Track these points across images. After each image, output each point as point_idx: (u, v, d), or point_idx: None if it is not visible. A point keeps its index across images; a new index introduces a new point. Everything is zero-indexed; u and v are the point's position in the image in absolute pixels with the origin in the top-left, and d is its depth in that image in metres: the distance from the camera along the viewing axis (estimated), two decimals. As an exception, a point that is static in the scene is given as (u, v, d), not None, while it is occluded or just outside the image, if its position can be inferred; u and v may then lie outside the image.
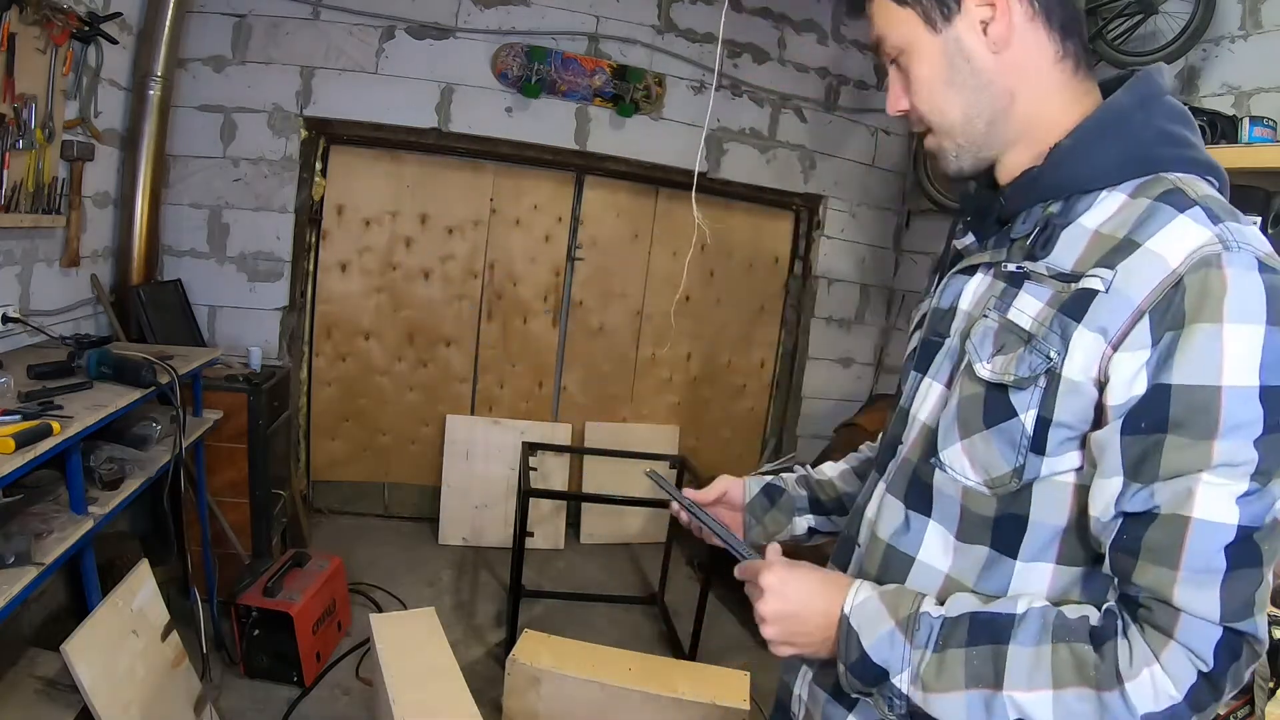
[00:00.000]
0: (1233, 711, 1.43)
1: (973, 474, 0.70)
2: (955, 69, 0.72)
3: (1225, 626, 0.59)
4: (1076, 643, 0.63)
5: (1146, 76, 0.71)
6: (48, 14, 2.05)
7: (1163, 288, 0.60)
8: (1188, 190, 0.64)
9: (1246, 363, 0.58)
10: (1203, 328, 0.59)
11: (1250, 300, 0.58)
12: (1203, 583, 0.59)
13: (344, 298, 3.56)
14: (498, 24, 3.25)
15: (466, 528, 3.63)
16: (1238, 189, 2.00)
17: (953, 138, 0.75)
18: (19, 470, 1.36)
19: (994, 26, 0.70)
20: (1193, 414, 0.59)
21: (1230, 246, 0.60)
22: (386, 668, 1.85)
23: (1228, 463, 0.59)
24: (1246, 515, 0.59)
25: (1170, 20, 2.44)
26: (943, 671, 0.65)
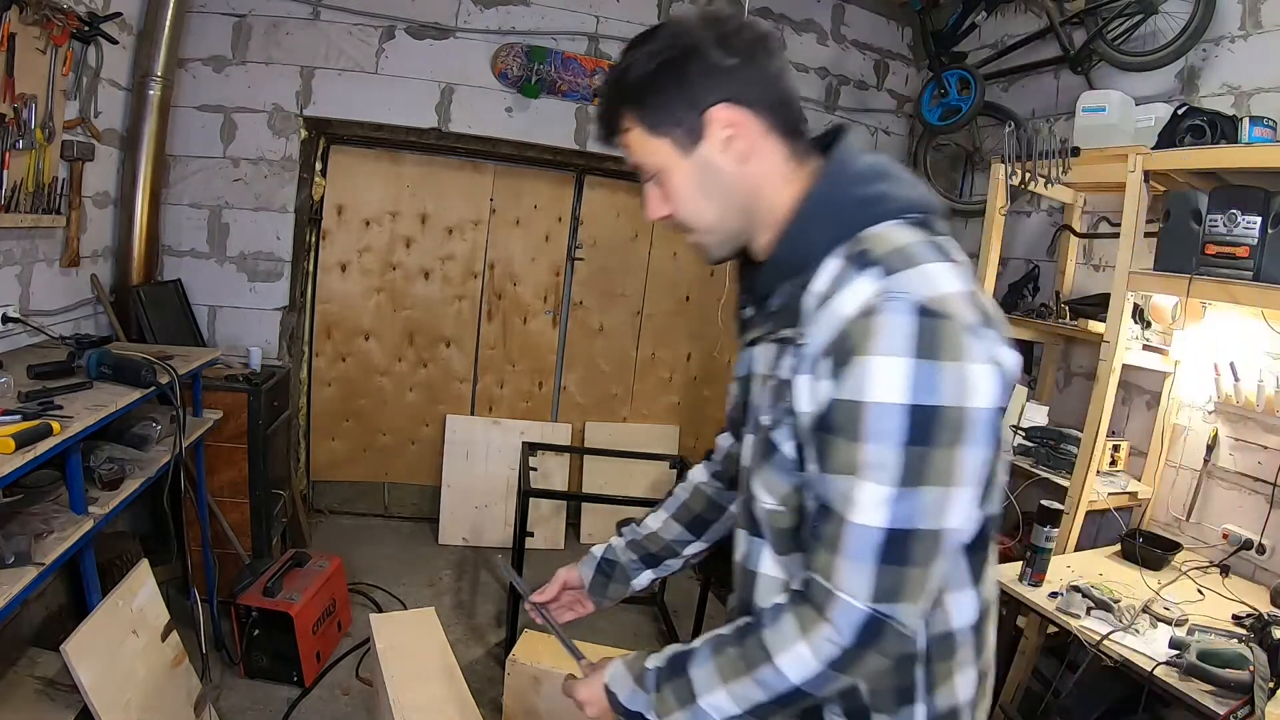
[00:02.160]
0: (1232, 711, 1.43)
1: (769, 499, 0.86)
2: (707, 182, 0.86)
3: (871, 608, 0.74)
4: (729, 647, 0.82)
5: (837, 158, 0.85)
6: (48, 14, 2.05)
7: (835, 334, 0.76)
8: (875, 248, 0.78)
9: (889, 385, 0.72)
10: (857, 359, 0.74)
11: (896, 338, 0.72)
12: (855, 569, 0.74)
13: (344, 298, 3.56)
14: (498, 24, 3.25)
15: (466, 528, 3.63)
16: (1238, 189, 2.00)
17: (712, 235, 0.90)
18: (19, 470, 1.36)
19: (736, 144, 0.84)
20: (847, 422, 0.74)
21: (890, 297, 0.74)
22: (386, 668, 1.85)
23: (875, 464, 0.73)
24: (895, 517, 0.73)
25: (1170, 20, 2.45)
26: (664, 703, 0.85)
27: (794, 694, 0.79)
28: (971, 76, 3.12)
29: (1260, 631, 1.68)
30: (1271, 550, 2.09)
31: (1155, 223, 2.18)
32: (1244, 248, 1.88)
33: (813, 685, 0.78)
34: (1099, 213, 2.79)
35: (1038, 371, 3.01)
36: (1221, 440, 2.26)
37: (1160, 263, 2.09)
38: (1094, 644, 1.72)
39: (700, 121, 0.83)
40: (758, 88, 0.84)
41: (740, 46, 0.83)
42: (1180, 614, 1.85)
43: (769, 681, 0.79)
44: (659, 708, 0.86)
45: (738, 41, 0.83)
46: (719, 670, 0.82)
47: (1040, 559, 1.96)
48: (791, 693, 0.78)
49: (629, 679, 0.90)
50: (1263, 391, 2.12)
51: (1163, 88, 2.54)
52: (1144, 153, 2.14)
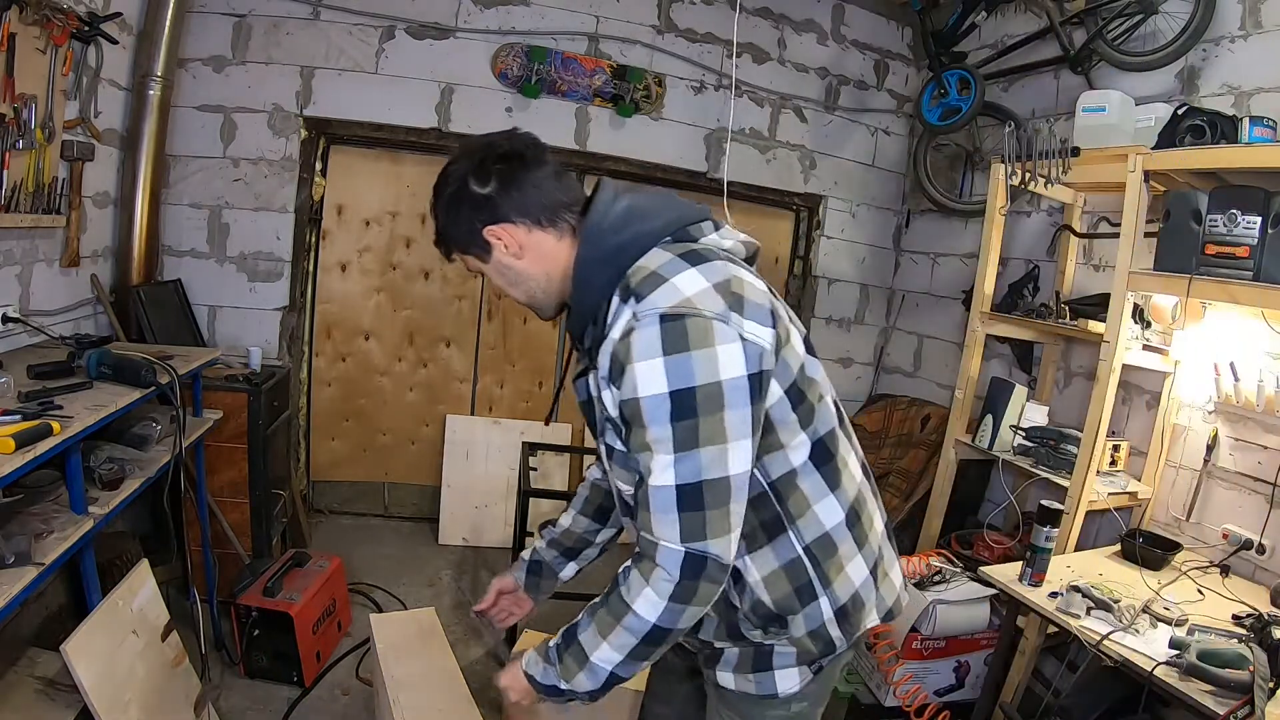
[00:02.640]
0: (1233, 711, 1.43)
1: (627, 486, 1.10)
2: (507, 275, 1.13)
3: (685, 548, 0.96)
4: (600, 608, 1.05)
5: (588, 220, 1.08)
6: (48, 14, 2.05)
7: (610, 355, 1.01)
8: (632, 280, 1.01)
9: (651, 381, 0.95)
10: (627, 368, 0.97)
11: (648, 345, 0.95)
12: (665, 521, 0.97)
13: (344, 298, 3.56)
14: (498, 24, 3.25)
15: (466, 528, 3.63)
16: (1238, 189, 2.00)
17: (533, 303, 1.16)
18: (19, 470, 1.36)
19: (510, 248, 1.10)
20: (633, 415, 0.98)
21: (639, 318, 0.97)
22: (386, 668, 1.85)
23: (657, 440, 0.96)
24: (680, 476, 0.95)
25: (1170, 20, 2.45)
26: (567, 668, 1.07)
27: (656, 631, 1.00)
28: (971, 76, 3.12)
29: (1260, 631, 1.68)
30: (1271, 550, 2.09)
31: (1155, 223, 2.18)
32: (1244, 248, 1.88)
33: (666, 619, 0.99)
34: (1099, 213, 2.79)
35: (1038, 371, 3.01)
36: (1221, 440, 2.26)
37: (1160, 263, 2.09)
38: (1094, 644, 1.72)
39: (483, 240, 1.10)
40: (512, 203, 1.08)
41: (492, 174, 1.07)
42: (1180, 614, 1.85)
43: (633, 625, 1.00)
44: (564, 675, 1.07)
45: (489, 171, 1.07)
46: (598, 628, 1.04)
47: (1040, 559, 1.96)
48: (653, 630, 1.00)
49: (539, 660, 1.11)
50: (1263, 391, 2.12)
51: (1163, 88, 2.54)
52: (1144, 153, 2.14)
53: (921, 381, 3.79)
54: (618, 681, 1.06)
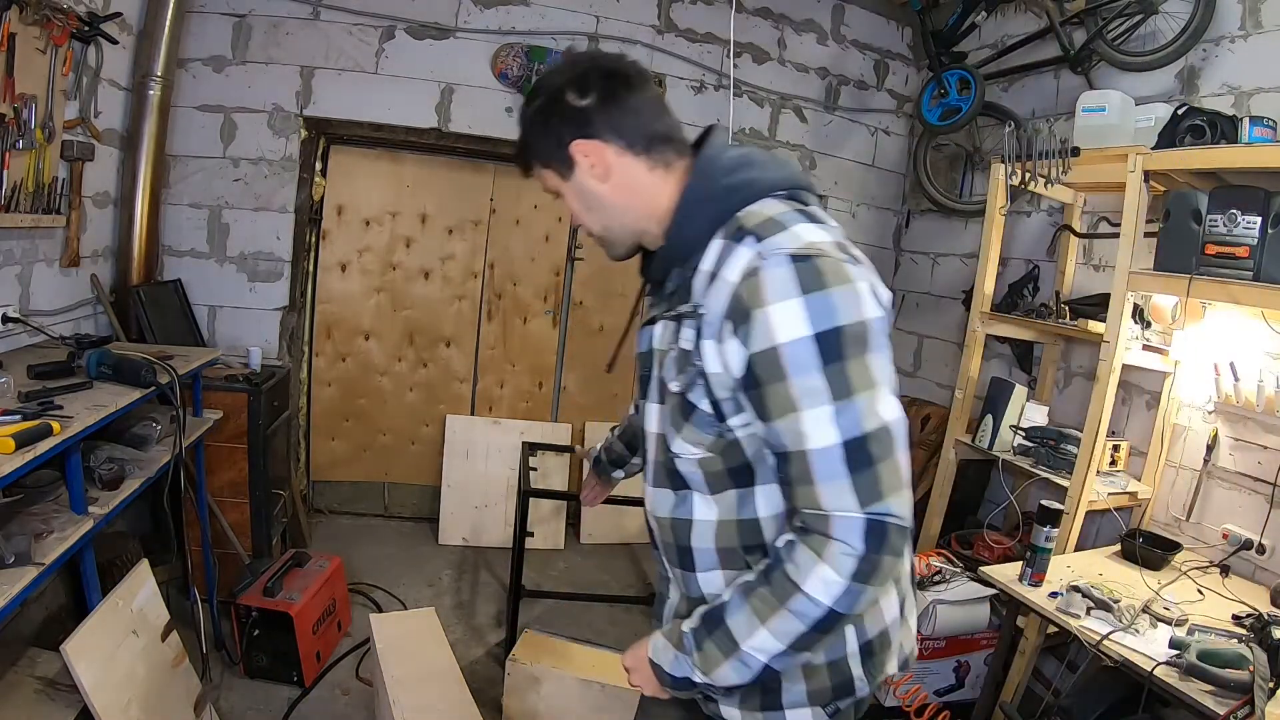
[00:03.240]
0: (1233, 711, 1.43)
1: (695, 450, 0.98)
2: (587, 199, 1.05)
3: (866, 514, 0.84)
4: (758, 588, 0.91)
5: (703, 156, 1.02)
6: (48, 14, 2.05)
7: (729, 298, 0.90)
8: (747, 222, 0.93)
9: (790, 323, 0.85)
10: (754, 312, 0.87)
11: (782, 285, 0.86)
12: (836, 488, 0.85)
13: (344, 298, 3.56)
14: (498, 24, 3.25)
15: (466, 528, 3.63)
16: (1238, 189, 2.00)
17: (608, 237, 1.09)
18: (19, 470, 1.36)
19: (597, 169, 1.02)
20: (769, 368, 0.87)
21: (764, 256, 0.88)
22: (386, 668, 1.85)
23: (807, 392, 0.85)
24: (844, 430, 0.84)
25: (1170, 20, 2.44)
26: (708, 660, 0.94)
27: (829, 617, 0.87)
28: (971, 76, 3.12)
29: (1260, 631, 1.68)
30: (1271, 550, 2.09)
31: (1155, 223, 2.18)
32: (1244, 248, 1.88)
33: (845, 603, 0.86)
34: (1099, 213, 2.78)
35: (1038, 371, 3.01)
36: (1221, 440, 2.26)
37: (1160, 263, 2.09)
38: (1094, 644, 1.72)
39: (567, 155, 1.02)
40: (609, 121, 1.01)
41: (591, 87, 1.00)
42: (1180, 614, 1.85)
43: (803, 610, 0.87)
44: (703, 665, 0.94)
45: (589, 83, 1.00)
46: (755, 612, 0.90)
47: (1040, 559, 1.96)
48: (827, 616, 0.87)
49: (669, 648, 0.99)
50: (1263, 391, 2.12)
51: (1163, 88, 2.54)
52: (1144, 153, 2.14)
53: (922, 381, 3.79)
54: (772, 676, 0.95)
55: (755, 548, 0.98)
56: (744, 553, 0.99)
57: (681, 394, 0.97)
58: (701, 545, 1.02)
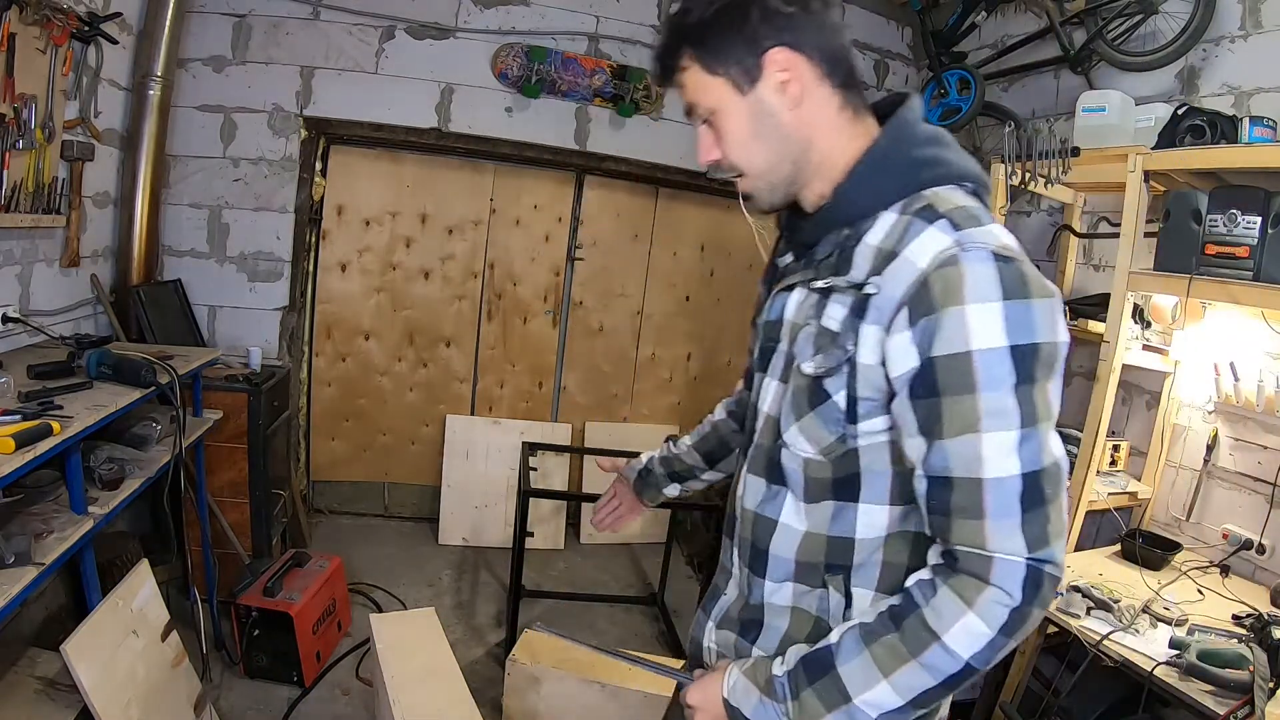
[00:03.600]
0: (1233, 711, 1.43)
1: (809, 447, 0.86)
2: (761, 124, 0.86)
3: (1028, 560, 0.74)
4: (884, 636, 0.78)
5: (900, 117, 0.88)
6: (48, 14, 2.04)
7: (915, 285, 0.76)
8: (938, 205, 0.81)
9: (990, 330, 0.73)
10: (950, 310, 0.74)
11: (984, 285, 0.74)
12: (1006, 526, 0.74)
13: (344, 298, 3.56)
14: (498, 24, 3.24)
15: (466, 528, 3.63)
16: (1238, 189, 2.00)
17: (764, 179, 0.90)
18: (19, 470, 1.36)
19: (791, 87, 0.85)
20: (955, 377, 0.74)
21: (966, 248, 0.76)
22: (386, 668, 1.85)
23: (996, 411, 0.74)
24: (1025, 461, 0.74)
25: (1170, 20, 2.44)
26: (804, 711, 0.81)
27: (962, 673, 0.76)
28: (971, 76, 3.12)
29: (1260, 631, 1.68)
30: (1271, 550, 2.09)
31: (1155, 223, 2.18)
32: (1244, 248, 1.88)
33: (982, 658, 0.75)
34: (1099, 213, 2.78)
35: (1038, 371, 3.00)
36: (1221, 440, 2.26)
37: (1160, 263, 2.09)
38: (1094, 644, 1.72)
39: (758, 63, 0.84)
40: (815, 35, 0.85)
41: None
42: (1180, 614, 1.85)
43: (938, 664, 0.75)
44: (798, 716, 0.81)
45: None
46: (876, 662, 0.78)
47: (1040, 559, 1.95)
48: (960, 672, 0.76)
49: (752, 690, 0.85)
50: (1263, 391, 2.12)
51: (1163, 88, 2.54)
52: (1144, 153, 2.13)
53: (921, 381, 3.78)
54: None
55: (838, 569, 0.88)
56: (825, 571, 0.89)
57: (815, 378, 0.84)
58: (780, 553, 0.91)
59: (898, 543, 0.87)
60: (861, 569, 0.87)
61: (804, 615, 0.91)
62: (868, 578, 0.88)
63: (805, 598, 0.90)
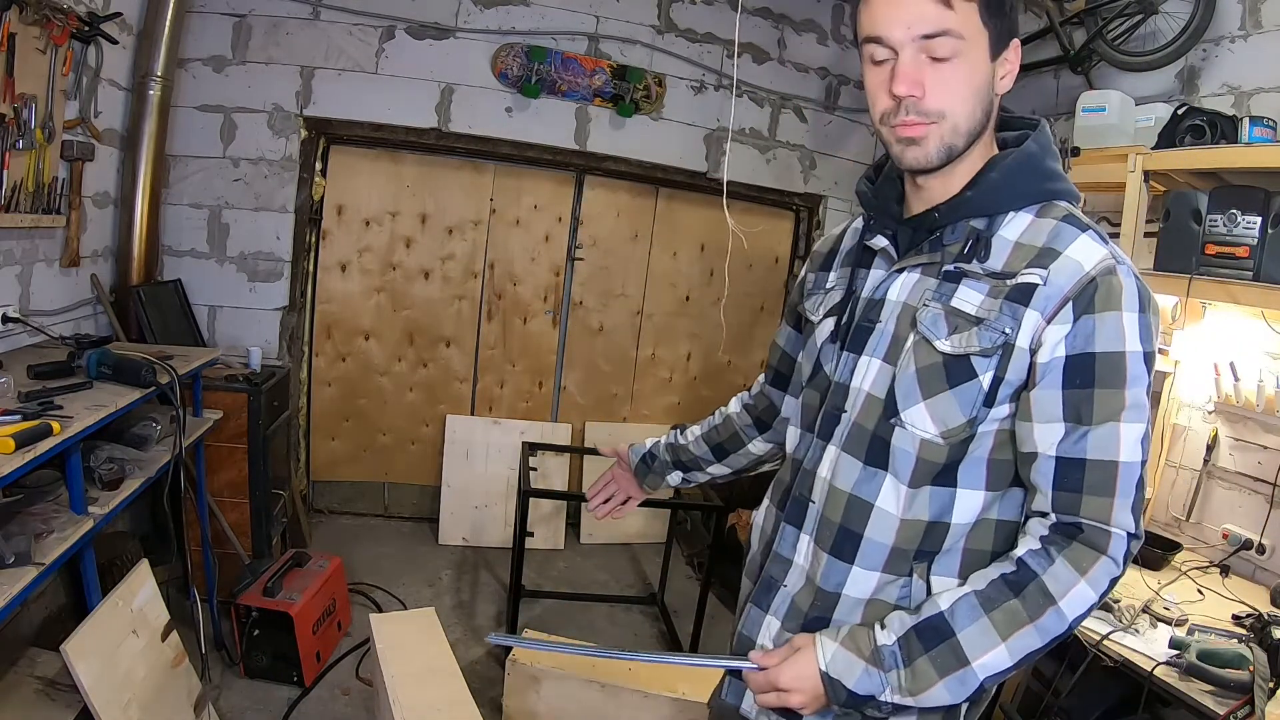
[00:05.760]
0: (1233, 711, 1.43)
1: (932, 427, 0.89)
2: (982, 87, 0.90)
3: (1130, 534, 0.85)
4: (1004, 602, 0.84)
5: (1043, 129, 0.96)
6: (48, 14, 2.05)
7: (1081, 283, 0.85)
8: (1079, 216, 0.91)
9: (1137, 336, 0.84)
10: (1113, 313, 0.84)
11: (1134, 296, 0.85)
12: (1126, 504, 0.84)
13: (344, 298, 3.56)
14: (498, 24, 3.25)
15: (466, 528, 3.63)
16: (1238, 189, 2.00)
17: (952, 129, 0.90)
18: (19, 470, 1.36)
19: (1009, 76, 0.93)
20: (1111, 372, 0.84)
21: (1120, 261, 0.86)
22: (386, 668, 1.85)
23: (1134, 405, 0.84)
24: (1143, 451, 0.85)
25: (1170, 20, 2.44)
26: (917, 677, 0.85)
27: (1065, 633, 0.84)
28: (971, 76, 3.12)
29: (1260, 631, 1.68)
30: (1271, 550, 2.09)
31: (1155, 223, 2.18)
32: (1244, 248, 1.88)
33: (1080, 619, 0.84)
34: (1099, 213, 2.78)
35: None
36: (1221, 440, 2.26)
37: (1160, 263, 2.09)
38: (1094, 644, 1.72)
39: (1008, 42, 0.92)
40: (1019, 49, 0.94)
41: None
42: (1180, 614, 1.85)
43: (1050, 626, 0.83)
44: (910, 685, 0.84)
45: None
46: (995, 627, 0.83)
47: (1040, 559, 1.95)
48: (1064, 632, 0.84)
49: (856, 661, 0.87)
50: (1263, 391, 2.12)
51: (1163, 88, 2.54)
52: (1144, 153, 2.14)
53: (921, 381, 3.78)
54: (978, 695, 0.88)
55: (926, 555, 0.91)
56: (913, 559, 0.92)
57: (958, 356, 0.88)
58: (877, 538, 0.92)
59: (982, 530, 0.92)
60: (946, 555, 0.92)
61: (881, 607, 0.93)
62: (949, 565, 0.92)
63: (888, 588, 0.93)
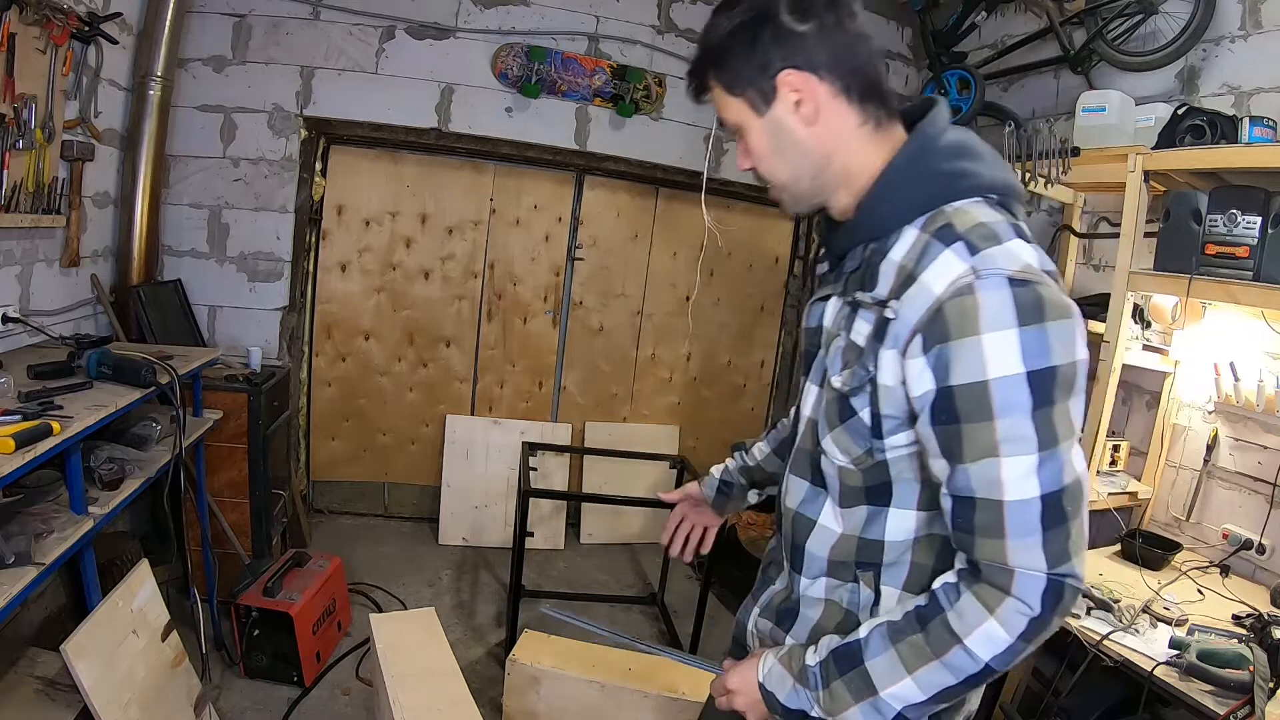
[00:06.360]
0: (1233, 711, 1.43)
1: (841, 456, 0.91)
2: (779, 141, 0.90)
3: (1049, 575, 0.77)
4: (910, 635, 0.82)
5: (921, 130, 0.88)
6: (48, 14, 2.05)
7: (929, 311, 0.78)
8: (958, 223, 0.82)
9: (1006, 358, 0.75)
10: (969, 339, 0.76)
11: (999, 313, 0.76)
12: (1027, 545, 0.77)
13: (344, 298, 3.56)
14: (498, 24, 3.25)
15: (466, 528, 3.63)
16: (1238, 189, 2.00)
17: (787, 191, 0.95)
18: (19, 470, 1.36)
19: (804, 107, 0.88)
20: (973, 405, 0.77)
21: (981, 275, 0.77)
22: (386, 668, 1.85)
23: (1012, 439, 0.76)
24: (1044, 483, 0.76)
25: (1170, 20, 2.44)
26: (835, 700, 0.86)
27: (983, 673, 0.80)
28: (971, 76, 3.12)
29: (1260, 631, 1.67)
30: (1271, 550, 2.09)
31: (1155, 223, 2.18)
32: (1244, 248, 1.88)
33: (1002, 660, 0.79)
34: (1099, 213, 2.78)
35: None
36: (1221, 440, 2.26)
37: (1160, 263, 2.09)
38: (1094, 644, 1.72)
39: (771, 85, 0.88)
40: (829, 53, 0.87)
41: (814, 11, 0.86)
42: (1180, 614, 1.85)
43: (959, 664, 0.80)
44: (828, 705, 0.87)
45: (812, 6, 0.86)
46: (901, 659, 0.82)
47: (1040, 559, 1.95)
48: (981, 672, 0.80)
49: (787, 678, 0.91)
50: (1263, 391, 2.11)
51: (1163, 88, 2.54)
52: (1144, 153, 2.13)
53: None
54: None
55: (869, 566, 0.92)
56: (855, 568, 0.93)
57: (842, 394, 0.88)
58: (816, 552, 0.96)
59: (926, 545, 0.90)
60: (891, 568, 0.91)
61: (835, 607, 0.96)
62: (896, 576, 0.91)
63: (837, 590, 0.95)
